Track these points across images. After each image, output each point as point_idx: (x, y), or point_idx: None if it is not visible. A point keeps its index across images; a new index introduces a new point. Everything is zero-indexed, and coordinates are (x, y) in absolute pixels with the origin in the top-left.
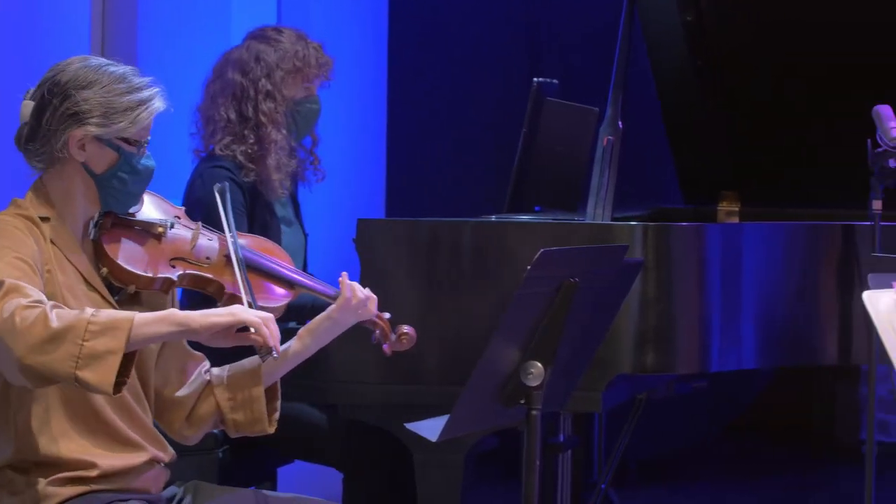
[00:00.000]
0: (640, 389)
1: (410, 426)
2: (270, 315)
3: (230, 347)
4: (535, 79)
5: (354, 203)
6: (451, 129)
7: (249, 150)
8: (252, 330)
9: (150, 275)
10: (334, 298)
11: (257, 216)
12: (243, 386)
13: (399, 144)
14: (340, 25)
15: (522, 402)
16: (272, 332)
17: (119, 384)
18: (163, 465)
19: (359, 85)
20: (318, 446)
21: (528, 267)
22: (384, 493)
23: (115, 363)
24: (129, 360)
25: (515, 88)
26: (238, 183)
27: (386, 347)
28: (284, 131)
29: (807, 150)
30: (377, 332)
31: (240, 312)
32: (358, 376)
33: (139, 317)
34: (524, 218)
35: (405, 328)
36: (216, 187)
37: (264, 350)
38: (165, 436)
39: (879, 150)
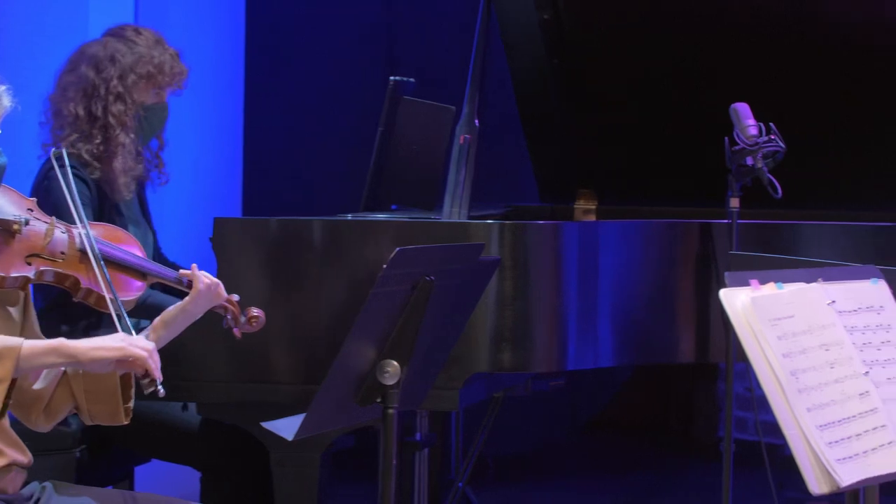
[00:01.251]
0: (498, 388)
1: (266, 425)
2: (153, 345)
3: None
4: (392, 77)
5: (212, 202)
6: (309, 129)
7: (95, 150)
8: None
9: (4, 274)
10: (181, 283)
11: (104, 214)
12: (99, 377)
13: (257, 144)
14: (198, 22)
15: (379, 400)
16: (156, 363)
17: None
18: (20, 467)
19: (216, 84)
20: (176, 445)
21: (384, 265)
22: (242, 492)
23: (1, 392)
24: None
25: (373, 87)
26: (83, 178)
27: (236, 331)
28: (133, 135)
29: (665, 148)
30: (228, 316)
31: (126, 347)
32: (213, 375)
33: (25, 347)
34: (380, 216)
35: (254, 311)
36: (52, 152)
37: (148, 383)
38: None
39: (737, 148)
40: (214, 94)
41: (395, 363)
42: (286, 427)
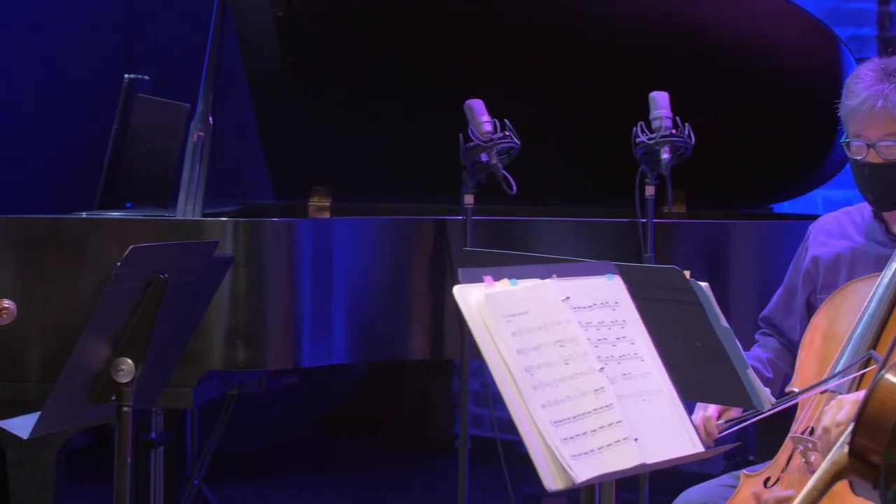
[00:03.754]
0: (232, 385)
1: (2, 423)
2: None
3: None
4: (127, 75)
5: None
6: (45, 127)
7: None
8: None
9: None
10: None
11: None
12: None
13: None
14: None
15: (113, 398)
16: None
17: None
18: None
19: None
20: None
21: (118, 263)
22: None
23: None
24: None
25: (109, 85)
26: None
27: None
28: None
29: (400, 144)
30: None
31: None
32: None
33: None
34: (114, 214)
35: (5, 302)
36: None
37: None
38: None
39: (472, 144)
40: None
41: (130, 361)
42: (21, 426)
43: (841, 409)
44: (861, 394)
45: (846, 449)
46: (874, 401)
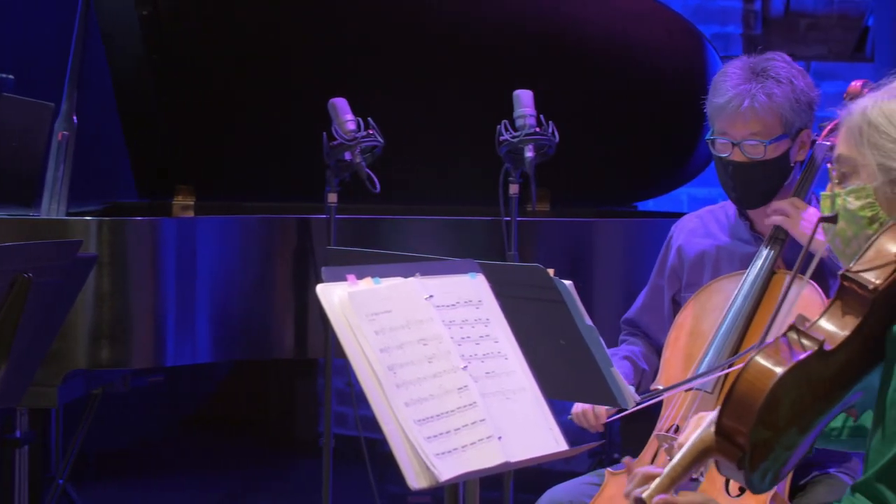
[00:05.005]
0: (97, 384)
1: None
2: None
3: None
4: None
5: None
6: None
7: None
8: None
9: None
10: None
11: None
12: None
13: None
14: None
15: None
16: None
17: None
18: None
19: None
20: None
21: None
22: None
23: None
24: None
25: None
26: None
27: None
28: None
29: (265, 143)
30: None
31: None
32: None
33: None
34: None
35: None
36: None
37: None
38: None
39: (335, 143)
40: None
41: None
42: None
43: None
44: None
45: (713, 428)
46: (742, 381)
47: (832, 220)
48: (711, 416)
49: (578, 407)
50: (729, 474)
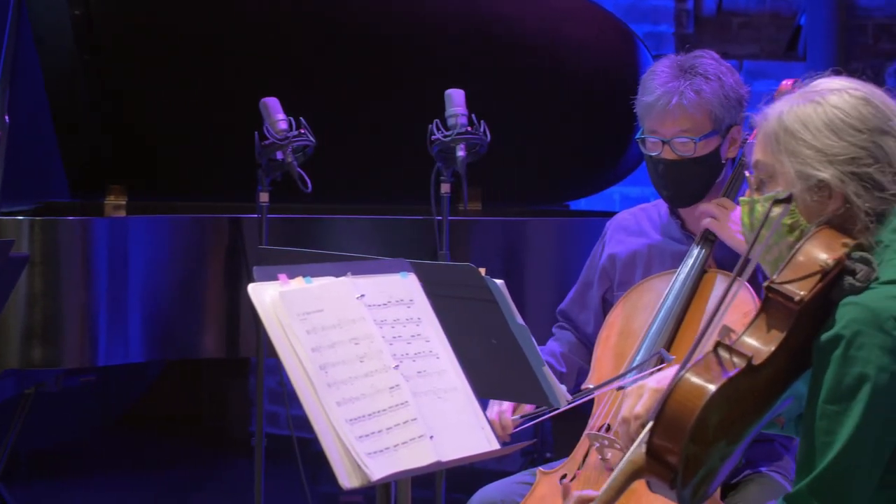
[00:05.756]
0: (29, 384)
1: None
2: None
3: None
4: None
5: None
6: None
7: None
8: None
9: None
10: None
11: None
12: None
13: None
14: None
15: None
16: None
17: None
18: None
19: None
20: None
21: None
22: None
23: None
24: None
25: None
26: None
27: None
28: None
29: (198, 143)
30: None
31: None
32: None
33: None
34: None
35: None
36: None
37: None
38: None
39: (267, 142)
40: None
41: None
42: None
43: (639, 400)
44: (665, 380)
45: (643, 448)
46: (673, 401)
47: (787, 200)
48: (641, 436)
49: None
50: (660, 492)
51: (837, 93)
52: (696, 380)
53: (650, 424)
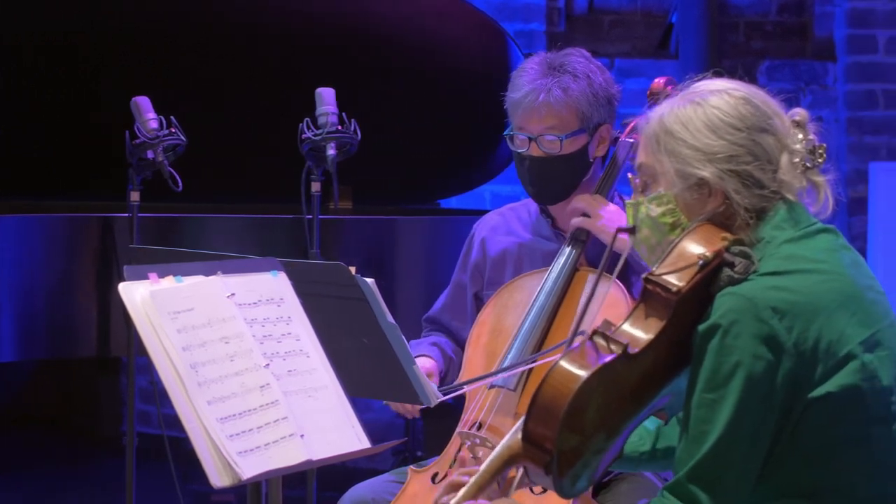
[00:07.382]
0: None
1: None
2: None
3: None
4: None
5: None
6: None
7: None
8: None
9: None
10: None
11: None
12: None
13: None
14: None
15: None
16: None
17: None
18: None
19: None
20: None
21: None
22: None
23: None
24: None
25: None
26: None
27: None
28: None
29: (67, 142)
30: None
31: None
32: None
33: None
34: None
35: None
36: None
37: None
38: None
39: (138, 141)
40: None
41: None
42: None
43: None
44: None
45: (520, 434)
46: (547, 386)
47: (631, 231)
48: (518, 423)
49: None
50: (538, 481)
51: (718, 94)
52: (569, 366)
53: (526, 412)
